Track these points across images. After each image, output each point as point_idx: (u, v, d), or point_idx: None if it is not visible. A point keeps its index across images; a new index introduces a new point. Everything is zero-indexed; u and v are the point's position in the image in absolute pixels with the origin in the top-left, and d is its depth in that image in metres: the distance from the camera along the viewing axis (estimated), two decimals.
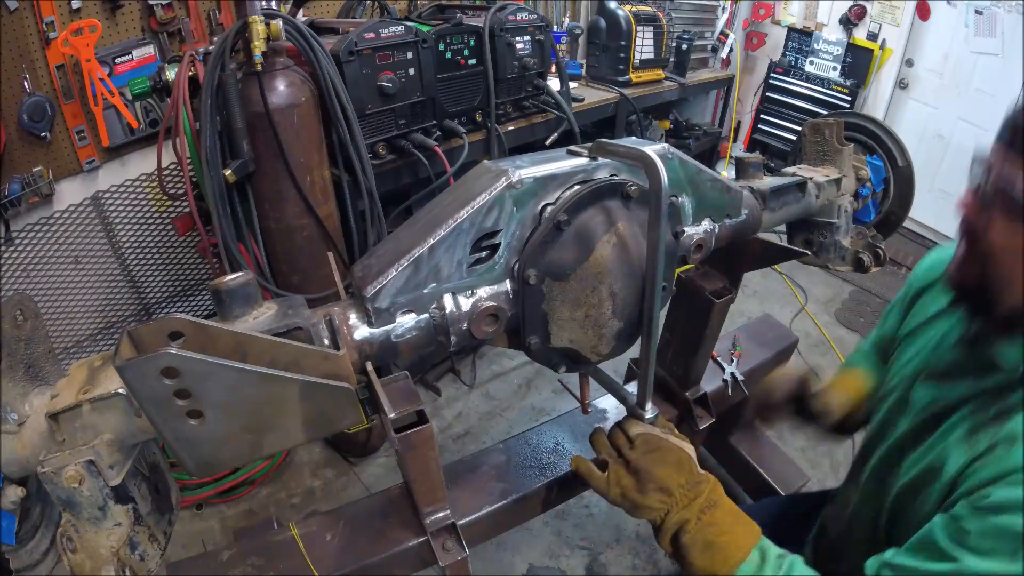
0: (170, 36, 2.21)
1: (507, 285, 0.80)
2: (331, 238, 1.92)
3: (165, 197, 2.07)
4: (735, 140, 4.80)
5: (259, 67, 1.66)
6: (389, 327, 0.75)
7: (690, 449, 0.91)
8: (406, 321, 0.76)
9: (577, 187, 0.79)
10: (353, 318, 0.75)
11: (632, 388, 1.35)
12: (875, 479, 0.98)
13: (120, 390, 0.64)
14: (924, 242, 3.72)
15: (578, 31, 3.42)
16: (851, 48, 4.07)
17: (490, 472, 1.19)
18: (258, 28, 1.62)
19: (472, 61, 2.21)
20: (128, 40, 2.14)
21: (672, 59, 3.53)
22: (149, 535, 0.72)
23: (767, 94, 4.54)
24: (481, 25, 2.18)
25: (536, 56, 2.37)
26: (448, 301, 0.76)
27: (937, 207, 3.65)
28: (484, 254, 0.78)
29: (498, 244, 0.77)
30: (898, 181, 1.36)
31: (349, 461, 2.48)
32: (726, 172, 4.17)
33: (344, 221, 1.99)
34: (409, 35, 1.96)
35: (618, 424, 0.94)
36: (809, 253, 1.22)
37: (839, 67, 4.15)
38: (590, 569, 2.09)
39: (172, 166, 2.06)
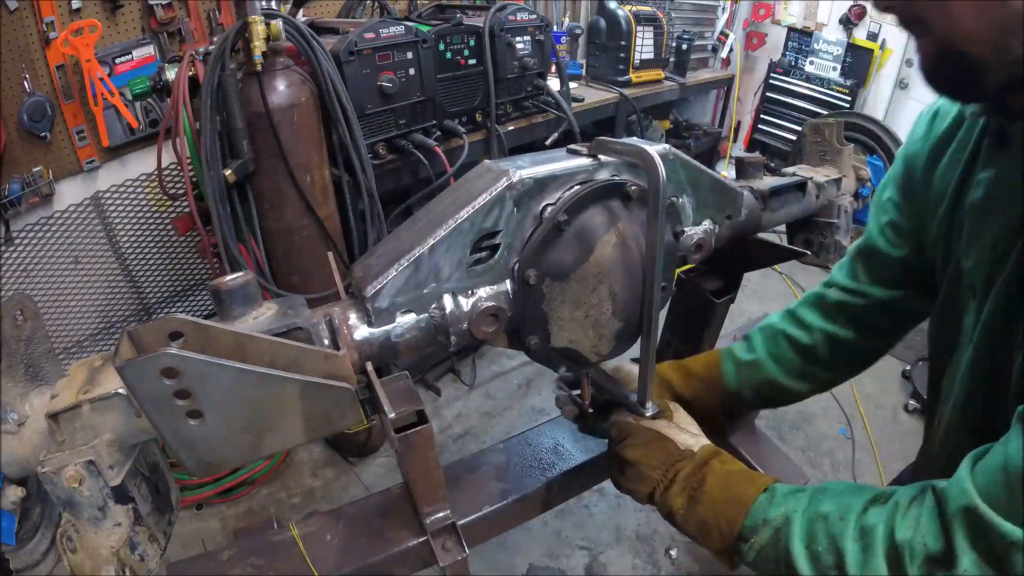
0: (170, 36, 2.21)
1: (507, 285, 0.80)
2: (331, 238, 1.92)
3: (165, 197, 2.07)
4: (735, 140, 4.80)
5: (259, 67, 1.66)
6: (389, 327, 0.75)
7: (671, 431, 0.88)
8: (406, 321, 0.76)
9: (577, 187, 0.79)
10: (353, 318, 0.75)
11: None
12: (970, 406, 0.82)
13: (120, 390, 0.64)
14: None
15: (578, 31, 3.42)
16: (851, 48, 4.07)
17: (490, 472, 1.18)
18: (258, 28, 1.62)
19: (472, 61, 2.21)
20: (128, 40, 2.14)
21: (672, 59, 3.53)
22: (149, 535, 0.72)
23: (767, 94, 4.53)
24: (481, 25, 2.18)
25: (536, 56, 2.37)
26: (448, 301, 0.76)
27: None
28: (484, 254, 0.78)
29: (498, 244, 0.77)
30: None
31: (349, 461, 2.48)
32: (726, 172, 4.18)
33: (344, 221, 1.99)
34: (409, 35, 1.96)
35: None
36: (809, 253, 1.22)
37: (839, 67, 4.15)
38: (590, 569, 2.09)
39: (172, 166, 2.06)
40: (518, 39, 2.30)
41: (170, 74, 1.73)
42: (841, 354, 1.07)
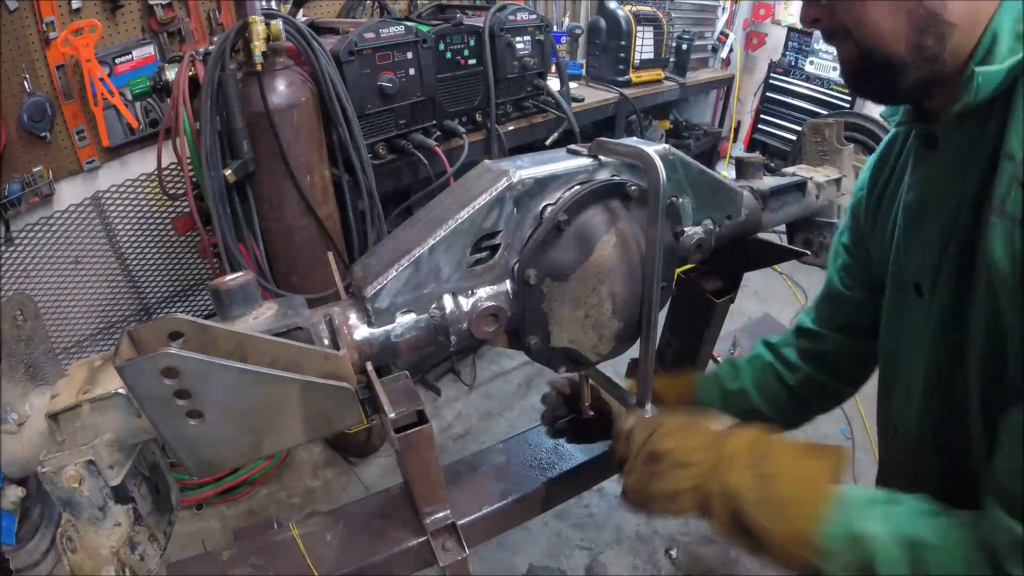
0: (170, 36, 2.21)
1: (507, 285, 0.80)
2: (331, 238, 1.92)
3: (165, 197, 2.07)
4: (735, 140, 4.80)
5: (259, 67, 1.66)
6: (389, 327, 0.75)
7: (696, 416, 0.83)
8: (406, 321, 0.76)
9: (577, 187, 0.79)
10: (353, 318, 0.75)
11: None
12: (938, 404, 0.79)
13: (120, 390, 0.64)
14: None
15: (578, 31, 3.42)
16: None
17: (490, 472, 1.18)
18: (258, 28, 1.62)
19: (472, 61, 2.21)
20: (128, 40, 2.14)
21: (672, 59, 3.53)
22: (149, 535, 0.72)
23: (767, 94, 4.53)
24: (481, 25, 2.18)
25: (536, 56, 2.37)
26: (448, 301, 0.76)
27: None
28: (484, 254, 0.78)
29: (498, 244, 0.77)
30: None
31: (349, 461, 2.48)
32: (726, 172, 4.18)
33: (344, 221, 1.99)
34: (409, 35, 1.96)
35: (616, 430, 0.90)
36: (809, 253, 1.22)
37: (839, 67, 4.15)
38: (590, 569, 2.09)
39: (172, 166, 2.06)
40: (518, 39, 2.30)
41: (170, 74, 1.73)
42: (816, 395, 1.09)
